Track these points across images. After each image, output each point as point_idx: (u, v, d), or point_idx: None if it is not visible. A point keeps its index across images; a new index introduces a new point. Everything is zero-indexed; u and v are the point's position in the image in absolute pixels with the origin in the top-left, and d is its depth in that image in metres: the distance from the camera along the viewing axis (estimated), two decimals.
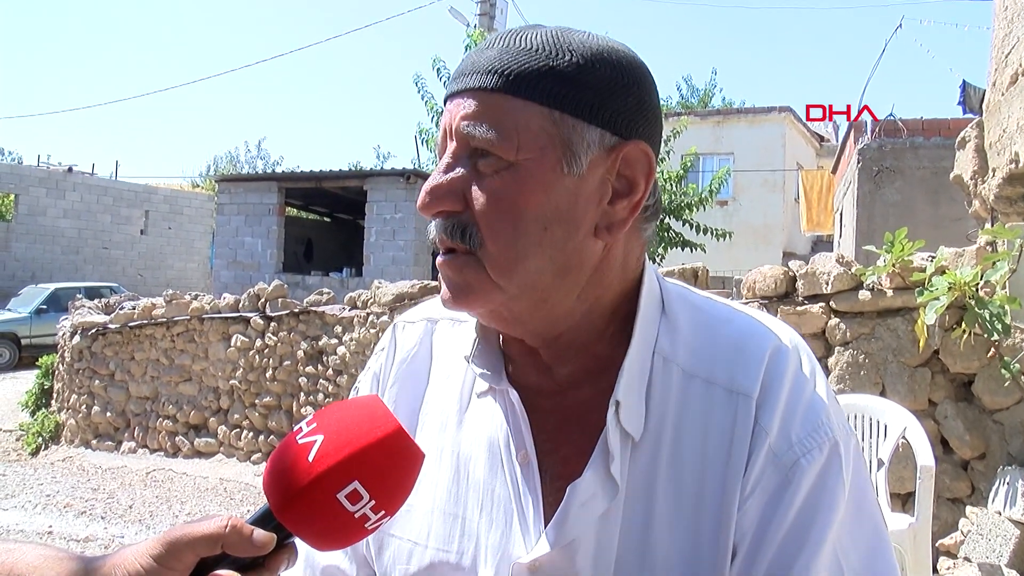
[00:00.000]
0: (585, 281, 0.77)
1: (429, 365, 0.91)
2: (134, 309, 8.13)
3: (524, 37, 0.74)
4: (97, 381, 8.31)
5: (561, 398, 0.81)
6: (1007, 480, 3.34)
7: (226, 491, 6.50)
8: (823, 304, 4.08)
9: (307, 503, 0.63)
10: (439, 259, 0.77)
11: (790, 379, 0.75)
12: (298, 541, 0.94)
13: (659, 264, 10.73)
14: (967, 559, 3.26)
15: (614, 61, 0.74)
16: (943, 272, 3.57)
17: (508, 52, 0.74)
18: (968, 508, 3.59)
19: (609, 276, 0.78)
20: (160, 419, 7.79)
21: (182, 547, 0.63)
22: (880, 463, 3.15)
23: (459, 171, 0.75)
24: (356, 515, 0.64)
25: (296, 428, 0.67)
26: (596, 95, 0.73)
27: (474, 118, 0.73)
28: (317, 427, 0.66)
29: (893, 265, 3.76)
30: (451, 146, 0.76)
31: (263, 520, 0.66)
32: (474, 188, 0.73)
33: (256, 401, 7.15)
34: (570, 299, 0.77)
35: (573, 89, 0.72)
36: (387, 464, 0.65)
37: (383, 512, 0.65)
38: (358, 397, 0.71)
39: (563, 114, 0.72)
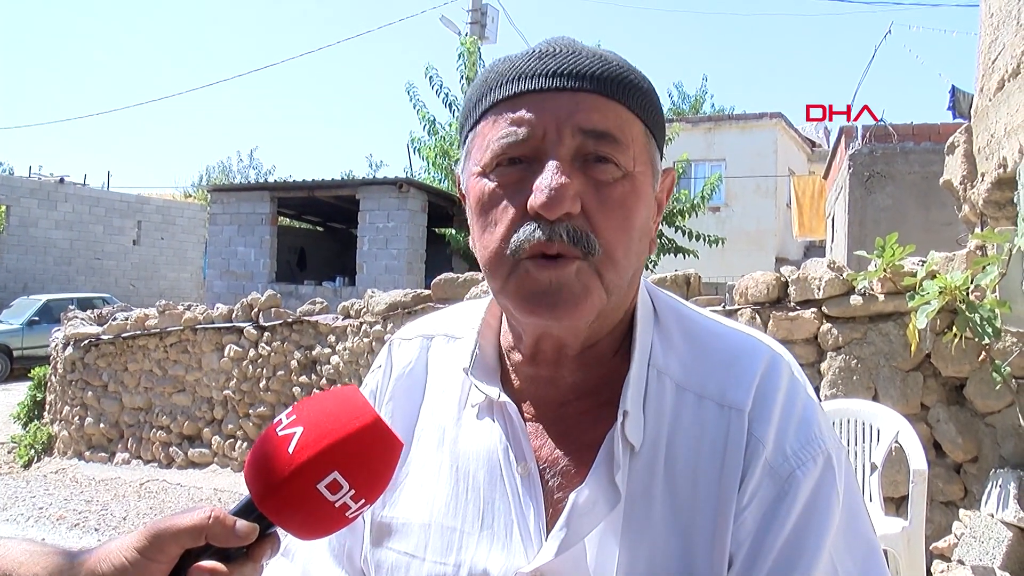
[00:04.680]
0: (631, 292, 0.81)
1: (425, 381, 0.91)
2: (127, 320, 8.10)
3: (594, 50, 0.77)
4: (90, 392, 8.28)
5: (562, 409, 0.82)
6: (999, 483, 3.35)
7: (221, 502, 6.47)
8: (815, 309, 4.10)
9: (288, 494, 0.65)
10: (542, 261, 0.73)
11: (783, 394, 0.77)
12: (300, 551, 0.94)
13: (651, 271, 10.75)
14: (960, 562, 3.27)
15: (656, 92, 0.80)
16: (934, 277, 3.59)
17: (604, 61, 0.76)
18: (961, 511, 3.60)
19: (634, 288, 0.82)
20: (154, 430, 7.76)
21: (166, 539, 0.65)
22: (873, 467, 3.16)
23: (576, 173, 0.73)
24: (336, 504, 0.65)
25: (276, 420, 0.68)
26: (661, 118, 0.79)
27: (598, 123, 0.73)
28: (297, 419, 0.67)
29: (884, 270, 3.77)
30: (560, 147, 0.73)
31: (245, 511, 0.67)
32: (593, 194, 0.73)
33: (250, 411, 7.13)
34: (623, 307, 0.81)
35: (656, 112, 0.78)
36: (366, 454, 0.66)
37: (363, 501, 0.67)
38: (336, 388, 0.72)
39: (650, 133, 0.77)
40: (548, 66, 0.74)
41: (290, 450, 0.65)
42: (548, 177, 0.71)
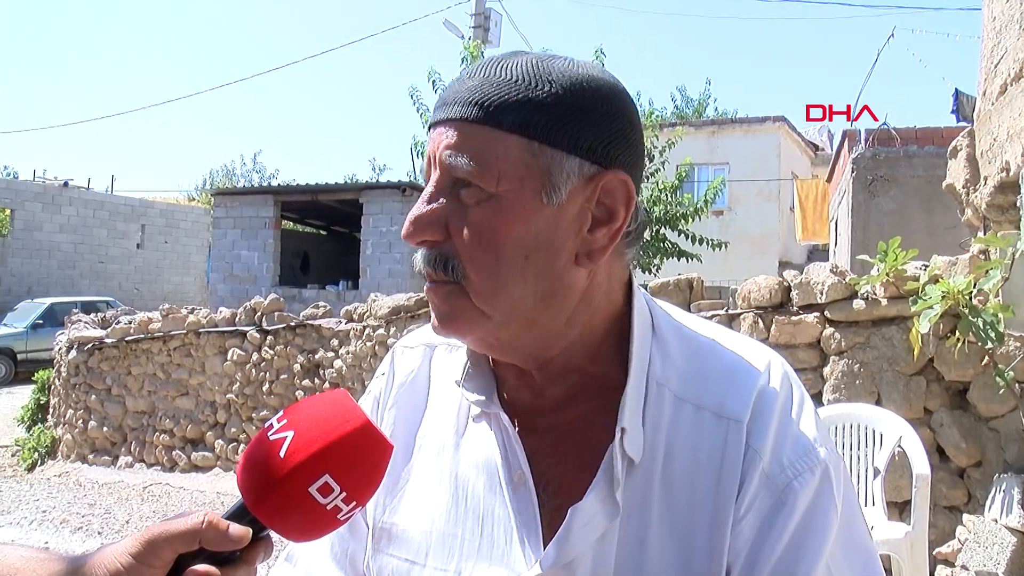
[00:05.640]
0: (572, 306, 0.78)
1: (427, 390, 0.92)
2: (131, 323, 8.12)
3: (505, 67, 0.75)
4: (94, 396, 8.29)
5: (556, 417, 0.82)
6: (1003, 488, 3.35)
7: (224, 505, 6.43)
8: (818, 314, 4.10)
9: (280, 498, 0.65)
10: (426, 287, 0.79)
11: (780, 405, 0.77)
12: (303, 556, 0.94)
13: (655, 275, 10.75)
14: (964, 567, 3.26)
15: (593, 90, 0.75)
16: (936, 281, 3.58)
17: (488, 83, 0.74)
18: (965, 516, 3.59)
19: (596, 300, 0.80)
20: (157, 433, 7.77)
21: (160, 544, 0.65)
22: (876, 472, 3.16)
23: (441, 201, 0.76)
24: (328, 507, 0.66)
25: (267, 424, 0.69)
26: (575, 125, 0.73)
27: (455, 149, 0.74)
28: (288, 423, 0.67)
29: (887, 274, 3.77)
30: (435, 175, 0.77)
31: (238, 515, 0.67)
32: (456, 218, 0.75)
33: (253, 415, 7.14)
34: (558, 323, 0.78)
35: (551, 119, 0.73)
36: (356, 457, 0.66)
37: (355, 503, 0.67)
38: (327, 392, 0.73)
39: (542, 144, 0.73)
40: (446, 96, 0.77)
41: (281, 454, 0.65)
42: (414, 207, 0.77)
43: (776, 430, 0.75)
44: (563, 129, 0.73)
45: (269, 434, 0.67)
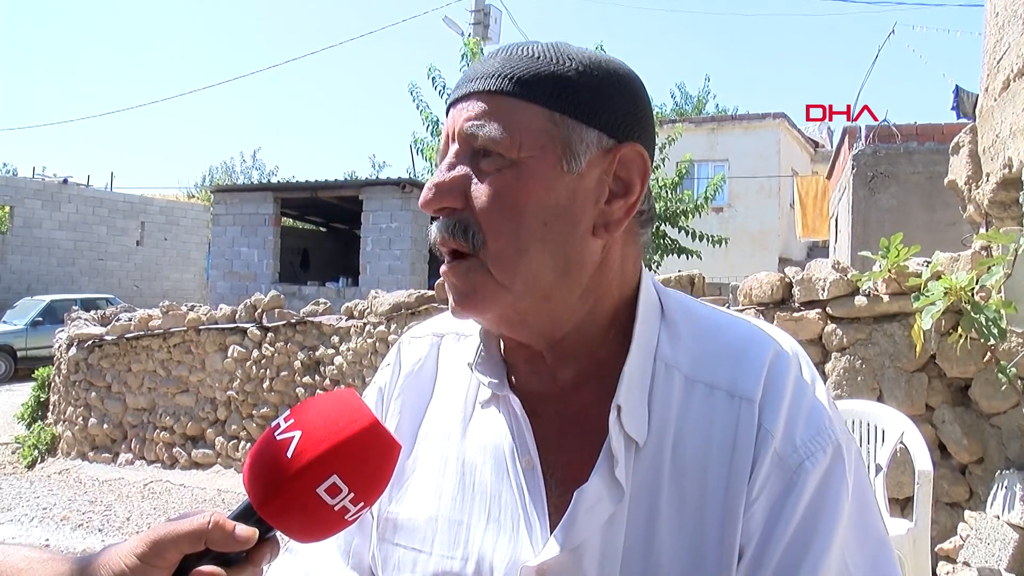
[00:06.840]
0: (586, 281, 0.79)
1: (434, 378, 0.92)
2: (130, 320, 8.11)
3: (526, 48, 0.79)
4: (94, 393, 8.29)
5: (564, 403, 0.82)
6: (1005, 484, 3.35)
7: (224, 502, 6.47)
8: (819, 310, 4.09)
9: (288, 498, 0.64)
10: (444, 267, 0.79)
11: (792, 384, 0.77)
12: (304, 547, 0.94)
13: (655, 271, 10.74)
14: (966, 564, 3.26)
15: (611, 69, 0.79)
16: (939, 277, 3.57)
17: (511, 59, 0.78)
18: (967, 513, 3.59)
19: (609, 278, 0.80)
20: (157, 431, 7.77)
21: (166, 545, 0.64)
22: (878, 468, 3.15)
23: (461, 170, 0.77)
24: (336, 508, 0.65)
25: (274, 424, 0.68)
26: (594, 98, 0.76)
27: (478, 118, 0.76)
28: (295, 423, 0.67)
29: (889, 271, 3.76)
30: (454, 147, 0.78)
31: (245, 515, 0.67)
32: (476, 186, 0.76)
33: (254, 412, 7.13)
34: (572, 298, 0.79)
35: (573, 92, 0.76)
36: (364, 457, 0.66)
37: (362, 504, 0.66)
38: (334, 391, 0.72)
39: (563, 115, 0.76)
40: (467, 74, 0.80)
41: (289, 454, 0.64)
42: (434, 175, 0.79)
43: (788, 409, 0.75)
44: (583, 102, 0.76)
45: (276, 434, 0.67)
